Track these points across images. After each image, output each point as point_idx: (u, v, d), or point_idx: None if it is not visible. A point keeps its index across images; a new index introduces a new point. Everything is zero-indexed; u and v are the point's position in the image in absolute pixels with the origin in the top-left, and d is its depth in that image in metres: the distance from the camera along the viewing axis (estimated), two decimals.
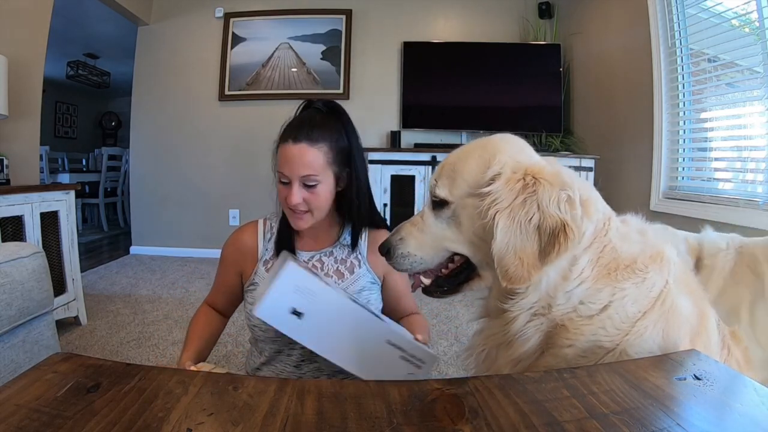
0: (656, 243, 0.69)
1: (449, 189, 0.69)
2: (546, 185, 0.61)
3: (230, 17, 3.89)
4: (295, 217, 0.97)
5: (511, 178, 0.63)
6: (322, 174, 0.94)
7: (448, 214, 0.69)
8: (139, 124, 4.03)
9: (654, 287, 0.63)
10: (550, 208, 0.60)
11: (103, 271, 3.47)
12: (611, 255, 0.64)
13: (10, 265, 1.26)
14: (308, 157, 0.92)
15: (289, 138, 0.94)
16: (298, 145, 0.92)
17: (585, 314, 0.62)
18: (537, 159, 0.69)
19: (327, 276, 1.03)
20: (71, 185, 2.37)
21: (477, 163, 0.67)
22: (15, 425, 0.40)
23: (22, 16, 2.46)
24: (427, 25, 3.88)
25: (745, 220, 2.05)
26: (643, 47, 2.69)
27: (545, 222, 0.59)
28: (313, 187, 0.94)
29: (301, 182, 0.93)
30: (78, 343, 2.10)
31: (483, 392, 0.49)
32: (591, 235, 0.63)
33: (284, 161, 0.94)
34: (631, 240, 0.67)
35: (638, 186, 2.82)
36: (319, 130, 0.94)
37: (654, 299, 0.63)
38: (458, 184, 0.68)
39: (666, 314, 0.62)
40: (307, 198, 0.94)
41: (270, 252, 1.05)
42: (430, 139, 3.76)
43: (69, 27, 4.72)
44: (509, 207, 0.61)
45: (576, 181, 0.65)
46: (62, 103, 7.47)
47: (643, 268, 0.64)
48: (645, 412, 0.45)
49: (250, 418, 0.43)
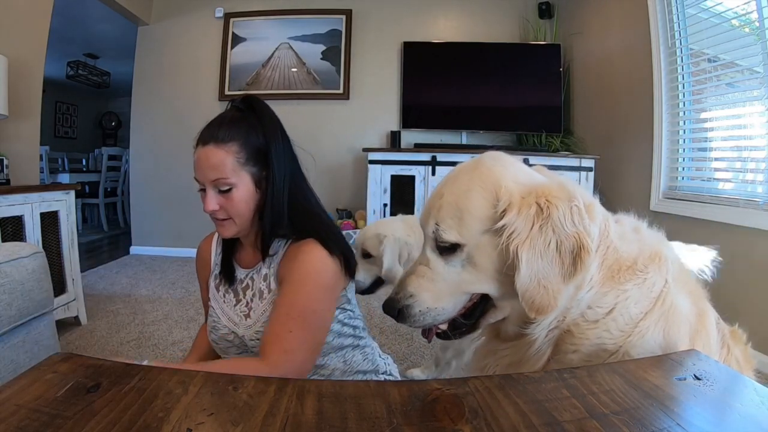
0: (653, 242, 0.69)
1: (458, 231, 0.63)
2: (558, 205, 0.59)
3: (230, 17, 3.89)
4: (218, 225, 0.91)
5: (522, 206, 0.60)
6: (234, 177, 0.86)
7: (462, 257, 0.63)
8: (139, 124, 4.03)
9: (654, 287, 0.63)
10: (566, 228, 0.58)
11: (103, 271, 3.47)
12: (614, 256, 0.64)
13: (10, 265, 1.26)
14: (214, 159, 0.85)
15: (199, 141, 0.88)
16: (206, 147, 0.86)
17: (591, 318, 0.62)
18: (534, 174, 0.68)
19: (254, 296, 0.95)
20: (71, 185, 2.37)
21: (483, 197, 0.63)
22: (15, 425, 0.40)
23: (22, 16, 2.46)
24: (427, 25, 3.88)
25: (745, 220, 2.05)
26: (643, 47, 2.69)
27: (563, 244, 0.58)
28: (227, 192, 0.86)
29: (214, 187, 0.87)
30: (78, 343, 2.10)
31: (483, 392, 0.49)
32: (597, 238, 0.62)
33: (195, 166, 0.88)
34: (628, 239, 0.67)
35: (638, 186, 2.82)
36: (227, 129, 0.87)
37: (654, 299, 0.63)
38: (468, 224, 0.62)
39: (666, 314, 0.62)
40: (223, 204, 0.87)
41: (219, 266, 1.01)
42: (430, 139, 3.75)
43: (69, 27, 4.72)
44: (528, 237, 0.58)
45: (576, 187, 0.64)
46: (62, 103, 7.47)
47: (643, 269, 0.64)
48: (645, 412, 0.45)
49: (250, 418, 0.43)
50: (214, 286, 1.00)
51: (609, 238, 0.64)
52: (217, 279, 1.00)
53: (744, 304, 2.00)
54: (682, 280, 0.68)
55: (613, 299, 0.62)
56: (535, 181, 0.65)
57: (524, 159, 3.09)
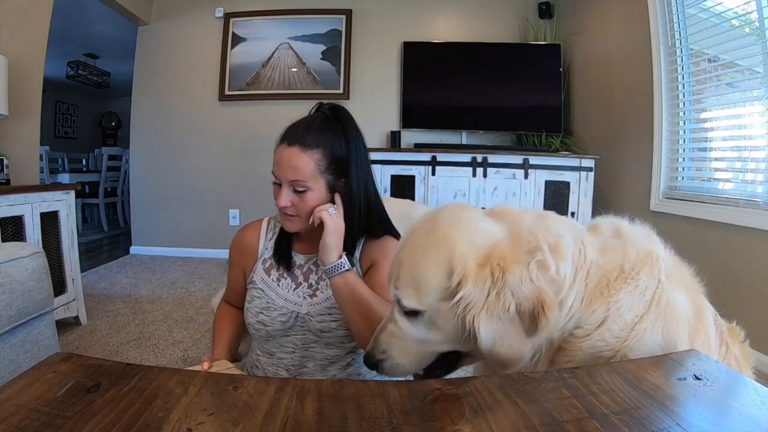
0: (638, 241, 0.68)
1: (416, 299, 0.63)
2: (513, 268, 0.58)
3: (230, 17, 3.89)
4: (285, 219, 0.97)
5: (478, 276, 0.59)
6: (311, 181, 0.91)
7: (424, 320, 0.65)
8: (139, 124, 4.03)
9: (647, 290, 0.63)
10: (524, 290, 0.58)
11: (103, 271, 3.47)
12: (598, 275, 0.63)
13: (10, 265, 1.26)
14: (297, 162, 0.90)
15: (285, 140, 0.93)
16: (291, 149, 0.91)
17: (582, 335, 0.62)
18: (493, 229, 0.65)
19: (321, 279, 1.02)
20: (71, 185, 2.37)
21: (437, 268, 0.62)
22: (15, 425, 0.40)
23: (22, 16, 2.46)
24: (427, 25, 3.88)
25: (745, 220, 2.05)
26: (643, 47, 2.69)
27: (522, 305, 0.58)
28: (302, 193, 0.92)
29: (290, 186, 0.92)
30: (78, 343, 2.10)
31: (483, 392, 0.49)
32: (571, 272, 0.61)
33: (276, 163, 0.93)
34: (610, 248, 0.66)
35: (638, 186, 2.82)
36: (314, 136, 0.92)
37: (648, 302, 0.62)
38: (425, 292, 0.63)
39: (663, 313, 0.62)
40: (296, 202, 0.92)
41: (269, 251, 1.06)
42: (430, 139, 3.75)
43: (69, 27, 4.72)
44: (485, 306, 0.59)
45: (539, 226, 0.63)
46: (62, 103, 7.47)
47: (633, 274, 0.63)
48: (645, 412, 0.45)
49: (250, 418, 0.43)
50: (264, 270, 1.04)
51: (587, 261, 0.63)
52: (267, 263, 1.04)
53: (744, 304, 2.00)
54: (677, 275, 0.68)
55: (602, 313, 0.61)
56: (493, 239, 0.63)
57: (524, 159, 3.10)
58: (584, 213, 3.09)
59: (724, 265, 2.16)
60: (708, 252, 2.25)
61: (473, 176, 3.12)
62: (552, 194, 3.12)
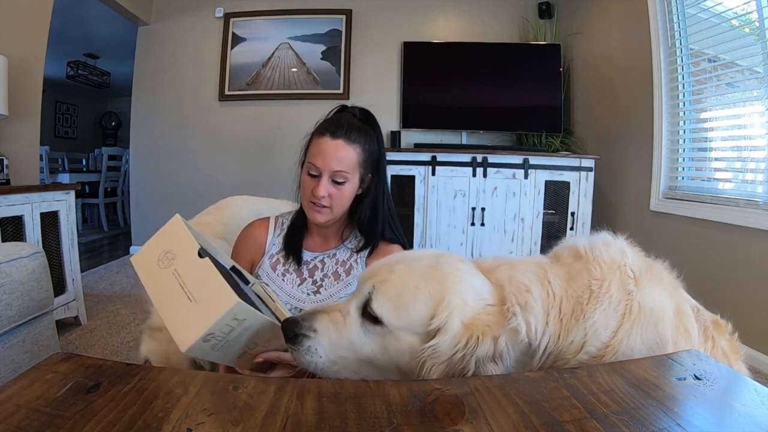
0: (599, 256, 0.67)
1: (388, 314, 0.62)
2: (487, 340, 0.59)
3: (230, 17, 3.89)
4: (314, 211, 0.99)
5: (457, 336, 0.59)
6: (351, 173, 0.97)
7: (378, 334, 0.63)
8: (139, 124, 4.03)
9: (620, 303, 0.63)
10: (487, 366, 0.58)
11: (103, 271, 3.47)
12: (570, 305, 0.63)
13: (10, 265, 1.26)
14: (343, 153, 0.96)
15: (327, 132, 0.97)
16: (336, 140, 0.96)
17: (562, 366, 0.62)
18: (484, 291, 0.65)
19: (326, 276, 1.05)
20: (71, 185, 2.37)
21: (426, 303, 0.62)
22: (15, 425, 0.40)
23: (22, 16, 2.46)
24: (427, 25, 3.88)
25: (745, 220, 2.05)
26: (643, 47, 2.69)
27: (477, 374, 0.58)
28: (340, 184, 0.97)
29: (330, 177, 0.96)
30: (78, 343, 2.10)
31: (483, 392, 0.49)
32: (542, 320, 0.62)
33: (317, 153, 0.96)
34: (575, 274, 0.66)
35: (638, 186, 2.82)
36: (356, 132, 0.99)
37: (622, 314, 0.62)
38: (401, 316, 0.62)
39: (637, 320, 0.62)
40: (333, 193, 0.97)
41: (277, 247, 1.08)
42: (430, 139, 3.75)
43: (69, 27, 4.72)
44: (447, 361, 0.59)
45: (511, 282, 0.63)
46: (62, 103, 7.47)
47: (604, 291, 0.63)
48: (645, 412, 0.45)
49: (250, 418, 0.43)
50: (270, 265, 1.07)
51: (557, 298, 0.63)
52: (273, 259, 1.07)
53: (743, 304, 2.00)
54: (649, 274, 0.67)
55: (581, 339, 0.62)
56: (481, 301, 0.63)
57: (524, 159, 3.10)
58: (584, 213, 3.09)
59: (724, 264, 2.16)
60: (708, 252, 2.25)
61: (473, 176, 3.12)
62: (552, 194, 3.12)
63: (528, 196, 3.12)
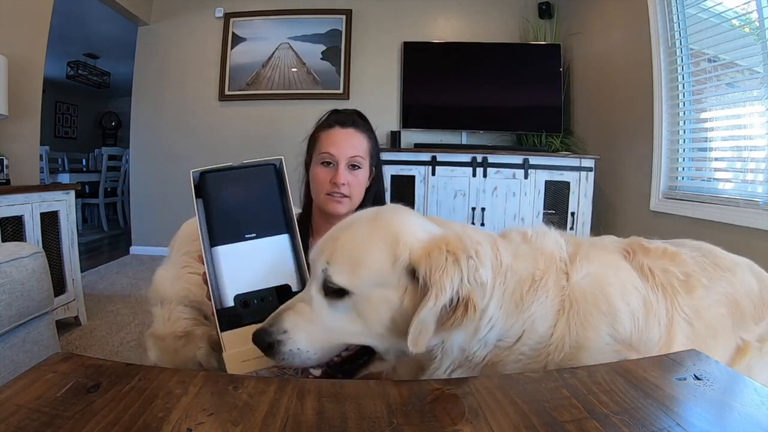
0: (544, 246, 0.68)
1: (349, 278, 0.59)
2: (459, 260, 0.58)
3: (230, 17, 3.89)
4: (335, 202, 0.99)
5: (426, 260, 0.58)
6: (365, 159, 1.01)
7: (348, 305, 0.60)
8: (139, 124, 4.03)
9: (555, 298, 0.63)
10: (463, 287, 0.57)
11: (103, 271, 3.47)
12: (513, 280, 0.63)
13: (10, 265, 1.26)
14: (355, 140, 1.00)
15: (336, 124, 1.01)
16: (347, 129, 1.00)
17: (504, 347, 0.63)
18: (431, 226, 0.66)
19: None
20: (71, 185, 2.38)
21: (381, 251, 0.61)
22: (15, 425, 0.40)
23: (22, 16, 2.46)
24: (427, 25, 3.88)
25: (745, 220, 2.05)
26: (643, 47, 2.69)
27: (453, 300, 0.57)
28: (357, 170, 1.00)
29: (347, 163, 0.98)
30: (78, 343, 2.10)
31: (483, 392, 0.49)
32: (491, 278, 0.61)
33: (330, 143, 0.99)
34: (521, 255, 0.66)
35: (638, 186, 2.82)
36: (361, 124, 1.03)
37: (557, 311, 0.63)
38: (361, 274, 0.60)
39: (574, 317, 0.62)
40: (350, 181, 0.98)
41: None
42: (430, 139, 3.75)
43: (69, 27, 4.72)
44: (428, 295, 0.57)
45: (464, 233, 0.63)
46: (62, 103, 7.46)
47: (543, 284, 0.64)
48: (645, 412, 0.45)
49: (250, 418, 0.43)
50: None
51: (503, 266, 0.63)
52: None
53: None
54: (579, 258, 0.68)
55: (519, 329, 0.62)
56: (434, 235, 0.63)
57: (524, 159, 3.10)
58: (584, 213, 3.09)
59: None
60: None
61: (473, 176, 3.12)
62: (552, 194, 3.12)
63: (528, 196, 3.12)
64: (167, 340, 1.08)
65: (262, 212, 0.71)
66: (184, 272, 1.14)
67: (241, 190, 0.71)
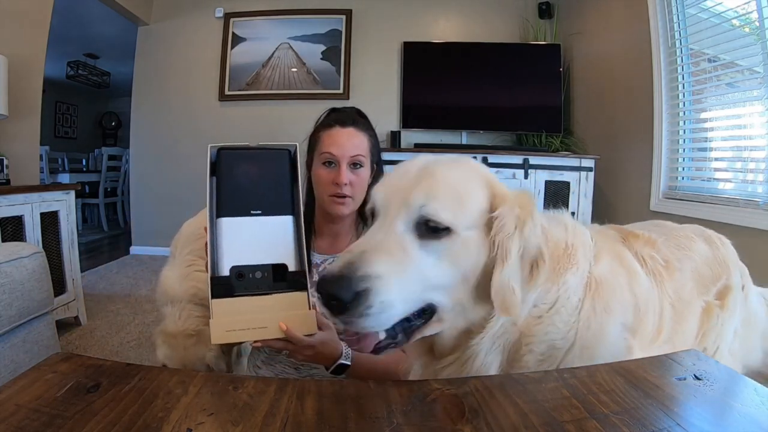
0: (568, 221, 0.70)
1: (455, 217, 0.54)
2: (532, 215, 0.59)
3: (230, 17, 3.89)
4: (337, 204, 0.99)
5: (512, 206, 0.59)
6: (366, 157, 1.00)
7: (444, 247, 0.54)
8: (139, 124, 4.03)
9: (584, 273, 0.65)
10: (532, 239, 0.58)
11: (103, 271, 3.47)
12: (553, 243, 0.65)
13: (10, 265, 1.26)
14: (356, 139, 0.99)
15: (336, 124, 1.00)
16: (347, 128, 0.99)
17: (536, 314, 0.62)
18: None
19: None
20: (71, 185, 2.38)
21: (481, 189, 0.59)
22: (15, 425, 0.40)
23: (22, 16, 2.46)
24: (427, 25, 3.88)
25: (745, 220, 2.05)
26: (643, 47, 2.69)
27: (528, 253, 0.58)
28: (359, 169, 0.99)
29: (349, 162, 0.97)
30: (78, 343, 2.10)
31: (483, 392, 0.49)
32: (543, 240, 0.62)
33: (331, 143, 0.98)
34: (552, 221, 0.69)
35: (638, 186, 2.82)
36: (361, 122, 1.03)
37: (585, 285, 0.64)
38: (467, 211, 0.56)
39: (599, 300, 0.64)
40: (352, 180, 0.98)
41: None
42: (430, 139, 3.75)
43: (69, 27, 4.71)
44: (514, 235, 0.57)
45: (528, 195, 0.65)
46: (62, 103, 7.46)
47: (573, 252, 0.65)
48: (645, 412, 0.45)
49: (250, 418, 0.43)
50: None
51: (546, 229, 0.64)
52: None
53: None
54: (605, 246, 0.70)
55: (555, 294, 0.63)
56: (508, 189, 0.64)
57: (524, 159, 3.09)
58: (584, 213, 3.09)
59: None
60: None
61: None
62: (552, 194, 3.12)
63: None
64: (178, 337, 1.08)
65: (271, 192, 0.73)
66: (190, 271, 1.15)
67: (254, 168, 0.74)
